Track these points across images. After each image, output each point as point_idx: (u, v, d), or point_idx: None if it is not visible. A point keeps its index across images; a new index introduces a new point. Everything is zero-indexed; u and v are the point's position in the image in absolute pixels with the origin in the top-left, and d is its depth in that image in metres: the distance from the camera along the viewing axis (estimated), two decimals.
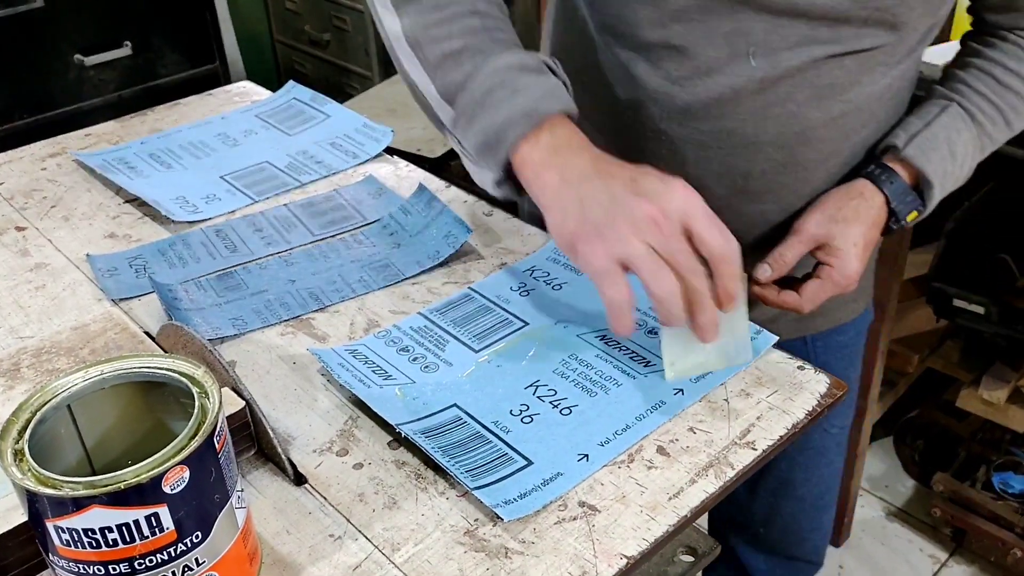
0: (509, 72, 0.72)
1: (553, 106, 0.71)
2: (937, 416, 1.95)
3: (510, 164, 0.71)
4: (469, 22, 0.75)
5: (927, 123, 0.85)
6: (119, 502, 0.49)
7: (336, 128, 1.15)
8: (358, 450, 0.68)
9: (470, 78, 0.73)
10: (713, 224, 0.65)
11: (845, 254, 0.82)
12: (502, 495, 0.62)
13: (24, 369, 0.76)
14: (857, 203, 0.83)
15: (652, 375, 0.73)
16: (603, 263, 0.64)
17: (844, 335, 1.03)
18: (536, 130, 0.70)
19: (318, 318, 0.82)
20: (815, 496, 1.13)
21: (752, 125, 0.82)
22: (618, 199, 0.65)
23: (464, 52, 0.74)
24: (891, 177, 0.84)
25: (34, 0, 2.03)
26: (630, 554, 0.59)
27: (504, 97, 0.71)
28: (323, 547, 0.61)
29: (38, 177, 1.07)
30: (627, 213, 0.64)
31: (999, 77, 0.87)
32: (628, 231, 0.64)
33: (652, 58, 0.82)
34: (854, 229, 0.83)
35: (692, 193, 0.65)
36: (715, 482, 0.64)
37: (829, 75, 0.80)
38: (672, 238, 0.64)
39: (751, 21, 0.77)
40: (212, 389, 0.55)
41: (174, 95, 1.29)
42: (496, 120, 0.70)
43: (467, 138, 0.73)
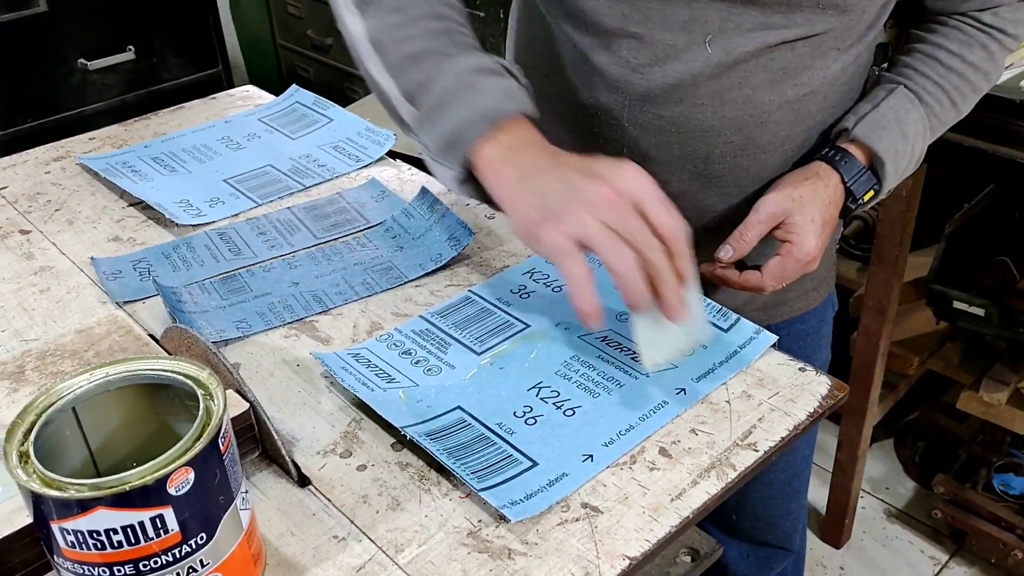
0: (469, 74, 0.74)
1: (511, 107, 0.73)
2: (937, 418, 1.95)
3: (470, 163, 0.74)
4: (430, 25, 0.77)
5: (875, 105, 0.88)
6: (124, 504, 0.49)
7: (339, 132, 1.16)
8: (362, 452, 0.68)
9: (431, 80, 0.75)
10: (664, 204, 0.66)
11: (803, 230, 0.84)
12: (508, 496, 0.63)
13: (29, 372, 0.76)
14: (813, 182, 0.86)
15: (654, 375, 0.74)
16: (561, 242, 0.66)
17: (806, 324, 1.06)
18: (494, 130, 0.72)
19: (321, 320, 0.83)
20: (782, 482, 1.15)
21: (710, 110, 0.85)
22: (573, 184, 0.67)
23: (425, 54, 0.76)
24: (845, 157, 0.87)
25: (38, 4, 2.04)
26: (632, 555, 0.60)
27: (464, 99, 0.73)
28: (327, 548, 0.61)
29: (42, 180, 1.08)
30: (582, 195, 0.66)
31: (942, 60, 0.90)
32: (584, 211, 0.65)
33: (611, 46, 0.85)
34: (811, 207, 0.85)
35: (644, 175, 0.67)
36: (717, 483, 0.65)
37: (783, 60, 0.83)
38: (627, 215, 0.65)
39: (707, 9, 0.80)
40: (217, 391, 0.55)
41: (177, 99, 1.30)
42: (457, 120, 0.73)
43: (430, 138, 0.75)
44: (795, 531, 1.23)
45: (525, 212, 0.69)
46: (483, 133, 0.72)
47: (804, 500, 1.22)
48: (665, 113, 0.86)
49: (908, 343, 1.83)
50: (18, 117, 2.11)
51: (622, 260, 0.65)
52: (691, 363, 0.75)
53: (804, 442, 1.14)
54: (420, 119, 0.76)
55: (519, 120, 0.73)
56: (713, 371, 0.74)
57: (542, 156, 0.71)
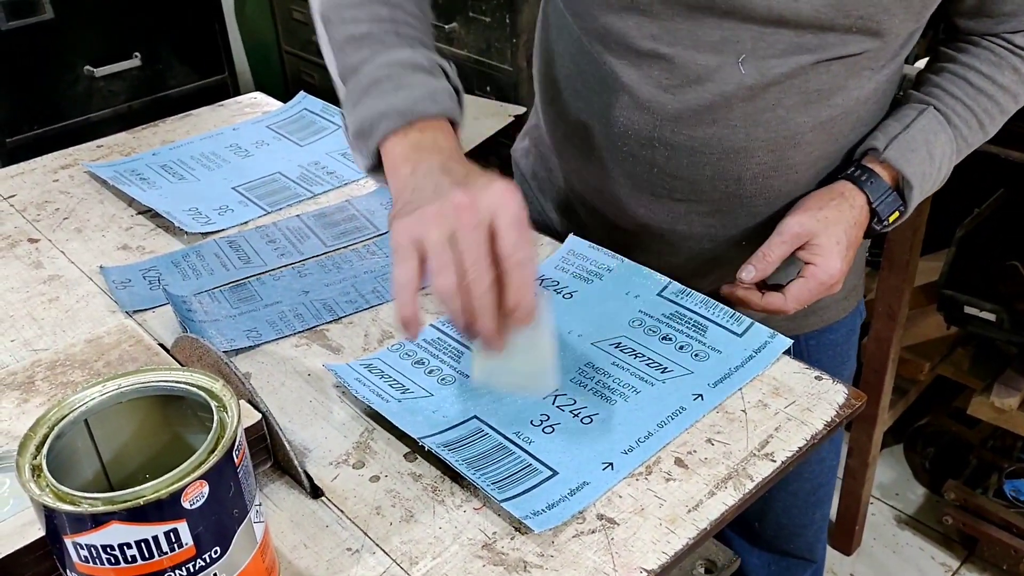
0: (399, 67, 0.73)
1: (430, 108, 0.71)
2: (948, 423, 1.94)
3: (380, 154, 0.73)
4: (378, 10, 0.77)
5: (906, 126, 0.87)
6: (138, 518, 0.49)
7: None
8: (374, 462, 0.68)
9: (364, 64, 0.74)
10: (516, 227, 0.62)
11: (828, 252, 0.83)
12: (530, 506, 0.62)
13: (39, 382, 0.75)
14: (838, 203, 0.85)
15: (670, 381, 0.73)
16: (401, 241, 0.63)
17: (835, 333, 1.05)
18: (407, 127, 0.70)
19: (332, 329, 0.82)
20: (807, 491, 1.13)
21: (743, 131, 0.84)
22: (440, 188, 0.65)
23: (366, 38, 0.76)
24: (872, 178, 0.86)
25: (44, 12, 2.04)
26: (650, 567, 0.59)
27: (387, 90, 0.72)
28: (341, 561, 0.60)
29: (50, 189, 1.08)
30: (441, 200, 0.63)
31: (973, 81, 0.89)
32: (433, 216, 0.62)
33: (642, 67, 0.84)
34: (836, 228, 0.84)
35: (511, 193, 0.63)
36: (734, 494, 0.64)
37: (817, 80, 0.82)
38: (471, 229, 0.61)
39: (739, 30, 0.79)
40: (231, 403, 0.54)
41: (183, 106, 1.30)
42: (374, 111, 0.72)
43: (350, 122, 0.74)
44: (818, 541, 1.21)
45: (397, 204, 0.67)
46: (396, 128, 0.70)
47: (828, 510, 1.20)
48: (697, 134, 0.84)
49: (918, 348, 1.83)
50: (24, 124, 2.11)
51: (442, 281, 0.61)
52: (707, 369, 0.74)
53: (829, 452, 1.13)
54: (345, 102, 0.75)
55: (437, 123, 0.71)
56: (729, 376, 0.74)
57: (438, 159, 0.68)
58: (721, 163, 0.86)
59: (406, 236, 0.63)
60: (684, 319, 0.79)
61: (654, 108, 0.85)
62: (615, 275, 0.85)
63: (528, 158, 1.09)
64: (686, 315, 0.80)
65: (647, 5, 0.80)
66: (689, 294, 0.82)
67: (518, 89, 2.14)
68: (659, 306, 0.81)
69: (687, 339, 0.77)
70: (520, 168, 1.11)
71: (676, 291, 0.82)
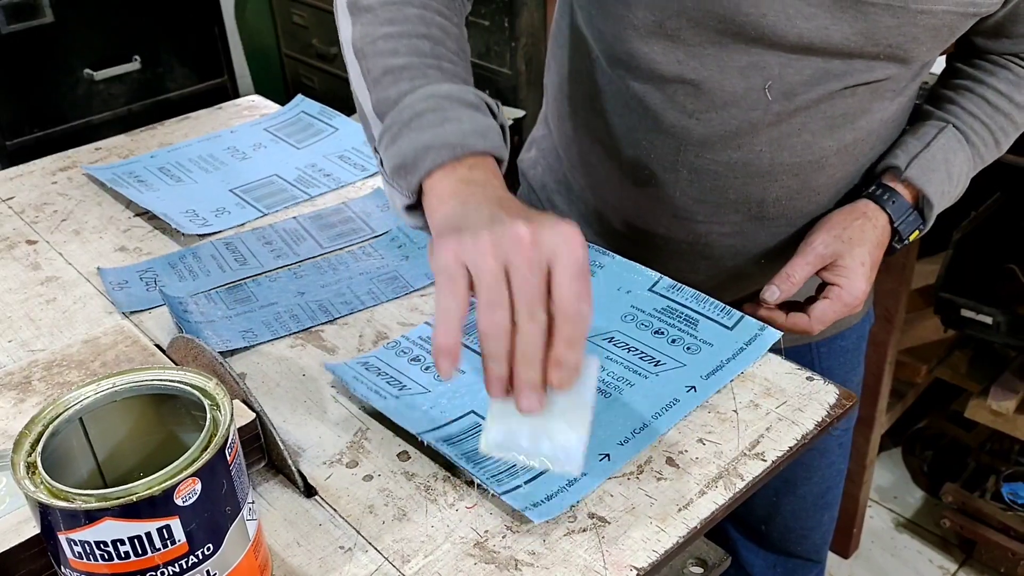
0: (445, 100, 0.67)
1: (480, 144, 0.65)
2: (946, 426, 1.95)
3: (421, 191, 0.66)
4: (418, 44, 0.72)
5: (926, 144, 0.87)
6: (131, 514, 0.49)
7: (345, 141, 1.16)
8: (368, 462, 0.68)
9: (404, 97, 0.68)
10: (579, 276, 0.56)
11: (853, 273, 0.83)
12: (530, 498, 0.63)
13: (35, 382, 0.76)
14: (862, 223, 0.85)
15: (663, 374, 0.74)
16: (448, 262, 0.56)
17: (847, 340, 1.05)
18: (455, 162, 0.64)
19: (327, 330, 0.83)
20: (815, 495, 1.14)
21: (768, 155, 0.83)
22: (497, 218, 0.58)
23: (405, 71, 0.70)
24: (893, 197, 0.86)
25: (44, 15, 2.05)
26: (640, 565, 0.59)
27: (433, 122, 0.66)
28: (333, 559, 0.61)
29: (49, 191, 1.08)
30: (498, 229, 0.56)
31: (991, 100, 0.89)
32: (488, 243, 0.56)
33: (667, 92, 0.82)
34: (860, 249, 0.84)
35: (577, 237, 0.56)
36: (725, 493, 0.64)
37: (842, 104, 0.81)
38: (527, 265, 0.55)
39: (766, 56, 0.78)
40: (224, 401, 0.55)
41: (183, 109, 1.30)
42: (418, 143, 0.65)
43: (387, 157, 0.68)
44: (824, 543, 1.22)
45: (438, 230, 0.61)
46: (441, 162, 0.64)
47: (836, 512, 1.21)
48: (721, 159, 0.84)
49: (916, 351, 1.83)
50: (24, 127, 2.11)
51: (494, 315, 0.55)
52: (699, 361, 0.75)
53: (838, 455, 1.13)
54: (383, 136, 0.69)
55: (485, 160, 0.65)
56: (721, 368, 0.74)
57: (491, 196, 0.62)
58: (745, 187, 0.86)
59: (453, 256, 0.56)
60: (675, 313, 0.80)
61: (678, 133, 0.84)
62: (607, 271, 0.85)
63: (537, 169, 1.08)
64: (677, 309, 0.80)
65: (675, 31, 0.78)
66: (680, 289, 0.82)
67: (517, 92, 2.15)
68: (651, 301, 0.82)
69: (679, 333, 0.78)
70: (528, 179, 1.10)
71: (667, 286, 0.83)
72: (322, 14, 2.69)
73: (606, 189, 0.95)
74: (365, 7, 0.74)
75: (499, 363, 0.56)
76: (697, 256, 0.93)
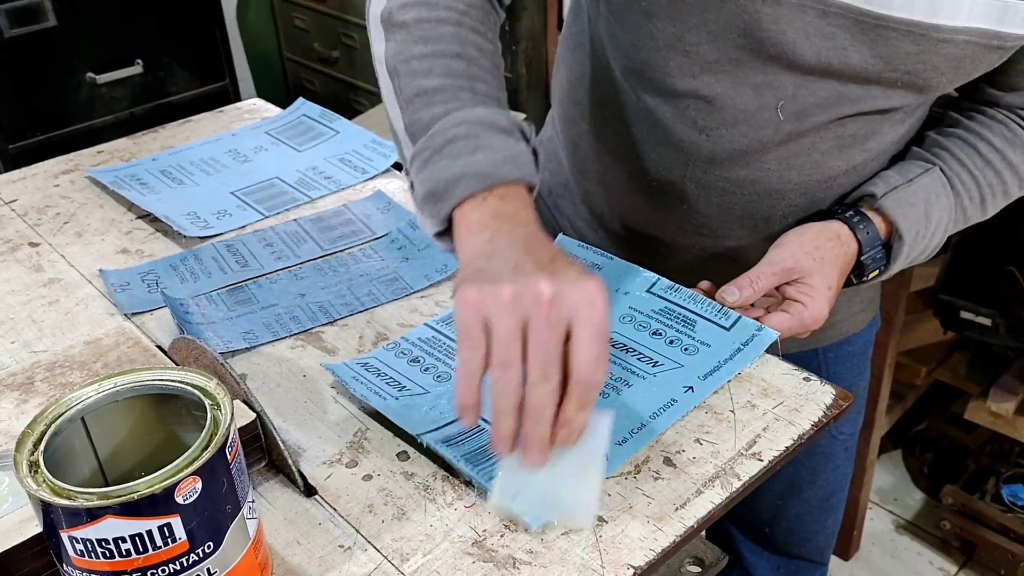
0: (478, 127, 0.67)
1: (511, 173, 0.65)
2: (945, 428, 1.95)
3: (451, 220, 0.66)
4: (453, 64, 0.71)
5: (908, 180, 0.83)
6: (132, 512, 0.50)
7: (345, 144, 1.17)
8: (367, 462, 0.69)
9: (437, 121, 0.68)
10: (599, 341, 0.56)
11: (819, 295, 0.79)
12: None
13: (38, 383, 0.77)
14: (835, 245, 0.81)
15: (661, 375, 0.75)
16: (468, 318, 0.57)
17: (853, 345, 1.05)
18: (486, 192, 0.64)
19: (328, 331, 0.83)
20: (820, 498, 1.14)
21: (776, 174, 0.83)
22: (521, 269, 0.58)
23: (439, 93, 0.69)
24: (867, 226, 0.82)
25: (47, 19, 2.06)
26: (637, 564, 0.60)
27: (464, 150, 0.65)
28: (333, 558, 0.61)
29: (51, 193, 1.09)
30: (520, 283, 0.57)
31: (982, 152, 0.85)
32: (508, 299, 0.56)
33: (679, 106, 0.82)
34: (831, 270, 0.80)
35: (600, 297, 0.57)
36: (721, 493, 0.65)
37: (853, 127, 0.81)
38: (546, 326, 0.55)
39: (782, 76, 0.77)
40: (224, 401, 0.55)
41: (185, 112, 1.31)
42: (449, 172, 0.65)
43: (418, 182, 0.68)
44: (828, 545, 1.21)
45: (465, 269, 0.62)
46: (472, 193, 0.64)
47: (840, 515, 1.20)
48: (730, 175, 0.84)
49: (915, 353, 1.83)
50: (27, 130, 2.12)
51: (506, 374, 0.56)
52: (697, 362, 0.76)
53: (843, 459, 1.13)
54: (414, 159, 0.69)
55: (517, 189, 0.65)
56: (719, 368, 0.75)
57: (521, 233, 0.62)
58: (752, 204, 0.85)
59: (474, 314, 0.57)
60: (673, 314, 0.80)
61: (687, 148, 0.84)
62: (604, 273, 0.86)
63: (545, 173, 1.06)
64: (675, 310, 0.81)
65: (693, 46, 0.77)
66: (678, 290, 0.82)
67: (518, 96, 2.15)
68: (649, 302, 0.82)
69: (677, 334, 0.79)
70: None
71: (665, 287, 0.83)
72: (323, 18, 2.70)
73: (612, 196, 0.95)
74: (400, 23, 0.73)
75: (508, 419, 0.56)
76: (700, 267, 0.92)
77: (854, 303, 1.01)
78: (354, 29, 2.61)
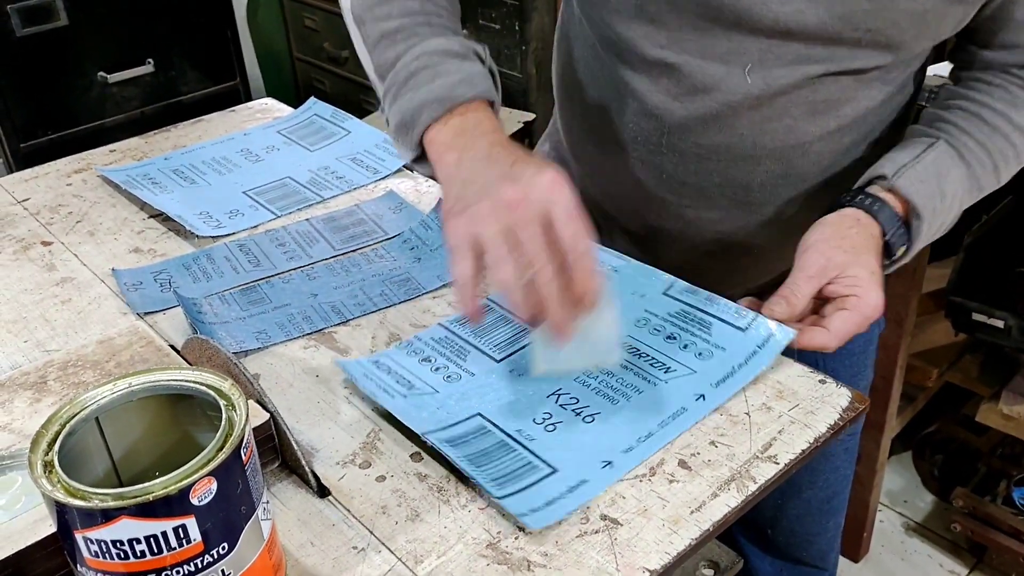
0: (434, 56, 0.75)
1: (467, 92, 0.73)
2: (956, 431, 1.94)
3: (423, 144, 0.74)
4: (408, 4, 0.79)
5: (916, 156, 0.81)
6: (147, 513, 0.49)
7: (357, 144, 1.16)
8: (381, 463, 0.69)
9: (399, 58, 0.76)
10: (571, 217, 0.64)
11: (865, 282, 0.76)
12: (528, 504, 0.63)
13: (51, 382, 0.77)
14: (858, 230, 0.79)
15: (672, 381, 0.74)
16: (457, 239, 0.65)
17: (853, 343, 1.03)
18: (448, 114, 0.72)
19: (340, 331, 0.83)
20: (821, 500, 1.13)
21: (750, 139, 0.84)
22: (490, 182, 0.66)
23: (399, 32, 0.77)
24: (883, 207, 0.80)
25: (58, 18, 2.06)
26: (652, 568, 0.59)
27: (425, 80, 0.74)
28: (347, 559, 0.61)
29: (63, 192, 1.09)
30: (493, 195, 0.64)
31: (987, 119, 0.83)
32: (487, 212, 0.64)
33: (652, 75, 0.84)
34: (867, 256, 0.78)
35: (559, 183, 0.64)
36: (737, 496, 0.64)
37: (825, 91, 0.81)
38: (527, 224, 0.63)
39: (746, 41, 0.79)
40: (239, 402, 0.55)
41: (195, 112, 1.31)
42: (413, 102, 0.73)
43: (390, 116, 0.76)
44: (831, 549, 1.21)
45: (447, 199, 0.69)
46: (437, 116, 0.72)
47: (841, 519, 1.20)
48: (704, 142, 0.85)
49: (926, 355, 1.82)
50: (38, 130, 2.13)
51: (501, 274, 0.63)
52: (710, 368, 0.75)
53: (844, 461, 1.12)
54: (384, 97, 0.77)
55: (476, 105, 0.73)
56: (732, 375, 0.74)
57: (482, 144, 0.70)
58: (729, 171, 0.86)
59: (461, 235, 0.65)
60: (689, 317, 0.80)
61: (662, 115, 0.85)
62: (621, 276, 0.85)
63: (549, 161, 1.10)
64: (691, 313, 0.80)
65: (656, 14, 0.80)
66: (694, 292, 0.82)
67: (527, 96, 2.15)
68: (664, 305, 0.82)
69: (692, 337, 0.78)
70: None
71: (681, 289, 0.83)
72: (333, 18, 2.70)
73: (600, 175, 0.97)
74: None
75: (523, 309, 0.63)
76: (688, 243, 0.93)
77: None
78: None
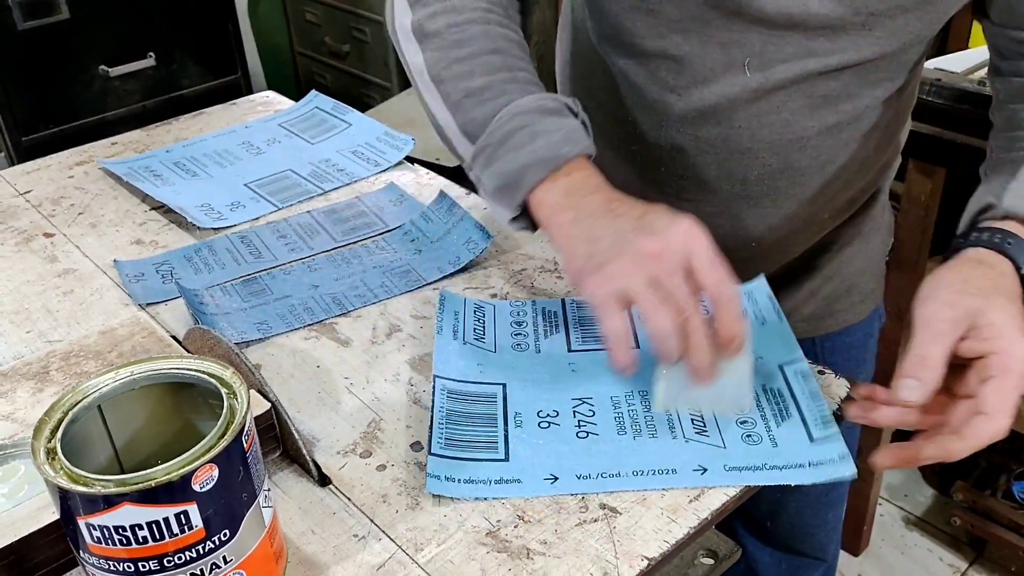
0: (530, 115, 0.73)
1: (571, 150, 0.72)
2: None
3: (526, 204, 0.73)
4: (491, 60, 0.77)
5: (1014, 174, 0.74)
6: (149, 499, 0.50)
7: (358, 136, 1.17)
8: (381, 452, 0.69)
9: (491, 118, 0.74)
10: (714, 265, 0.64)
11: (1007, 329, 0.63)
12: (447, 470, 0.64)
13: (53, 372, 0.77)
14: (983, 271, 0.67)
15: (695, 444, 0.67)
16: (602, 296, 0.65)
17: (852, 336, 1.04)
18: (554, 173, 0.71)
19: (341, 323, 0.83)
20: (820, 492, 1.14)
21: (747, 132, 0.84)
22: (623, 235, 0.66)
23: (486, 91, 0.75)
24: (1007, 237, 0.69)
25: (60, 12, 2.07)
26: (651, 556, 0.60)
27: (524, 141, 0.72)
28: (347, 547, 0.62)
29: (65, 185, 1.09)
30: (631, 249, 0.65)
31: None
32: (629, 266, 0.64)
33: (650, 67, 0.84)
34: (999, 299, 0.65)
35: (697, 232, 0.64)
36: (736, 486, 0.65)
37: (824, 87, 0.81)
38: (671, 275, 0.63)
39: (747, 32, 0.78)
40: (240, 390, 0.56)
41: (196, 105, 1.31)
42: (515, 164, 0.72)
43: (485, 177, 0.74)
44: (830, 541, 1.21)
45: (575, 258, 0.68)
46: (542, 178, 0.71)
47: (841, 511, 1.20)
48: (702, 134, 0.85)
49: None
50: (40, 123, 2.13)
51: (659, 323, 0.63)
52: (740, 453, 0.67)
53: None
54: (477, 158, 0.75)
55: (579, 162, 0.72)
56: (756, 470, 0.65)
57: (598, 200, 0.69)
58: (726, 164, 0.86)
59: (606, 291, 0.65)
60: (775, 400, 0.71)
61: (660, 108, 0.85)
62: (756, 331, 0.77)
63: None
64: (782, 397, 0.72)
65: (656, 4, 0.80)
66: (806, 379, 0.72)
67: None
68: (769, 376, 0.73)
69: (756, 419, 0.70)
70: None
71: (796, 372, 0.73)
72: (334, 12, 2.70)
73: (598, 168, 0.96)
74: (432, 32, 0.78)
75: (673, 355, 0.64)
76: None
77: (853, 293, 1.01)
78: (365, 23, 2.61)
